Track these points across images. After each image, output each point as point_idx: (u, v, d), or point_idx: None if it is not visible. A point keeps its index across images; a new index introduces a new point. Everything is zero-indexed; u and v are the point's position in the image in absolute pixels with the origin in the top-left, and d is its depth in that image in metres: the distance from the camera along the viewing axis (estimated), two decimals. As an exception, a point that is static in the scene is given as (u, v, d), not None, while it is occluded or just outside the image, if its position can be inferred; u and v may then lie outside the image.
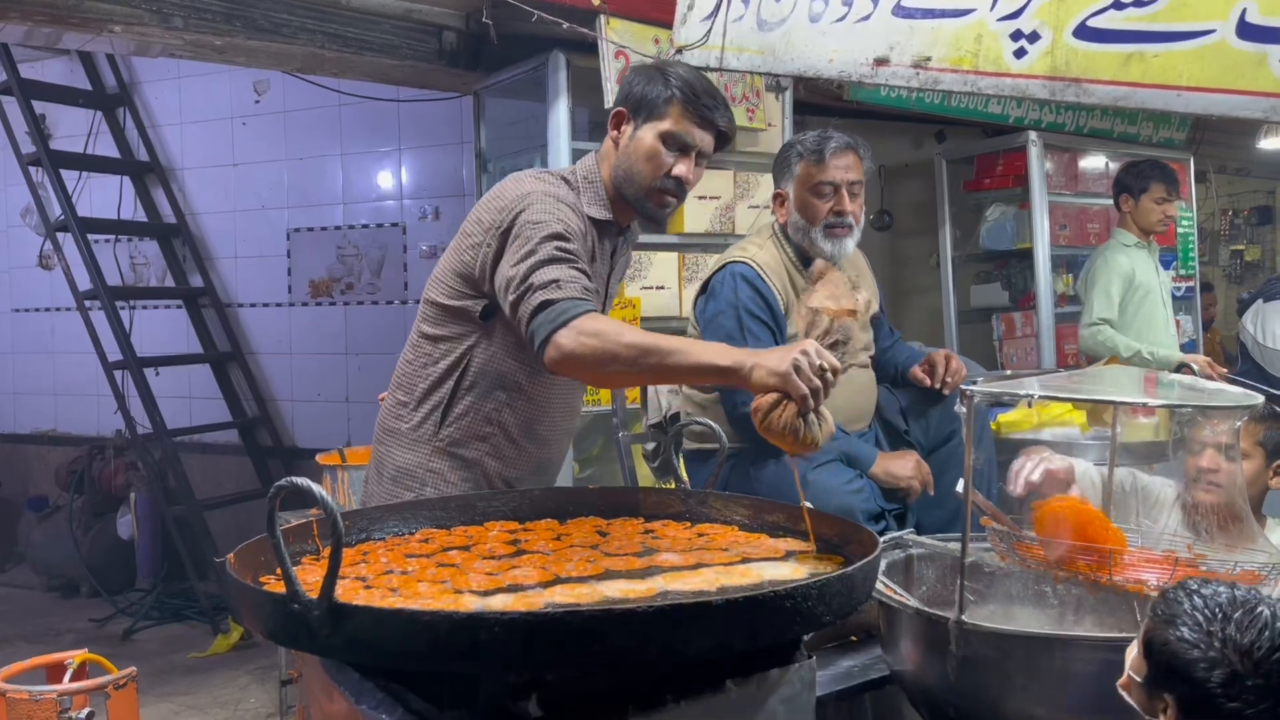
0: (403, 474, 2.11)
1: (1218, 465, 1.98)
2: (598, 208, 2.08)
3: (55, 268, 6.04)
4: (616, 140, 2.08)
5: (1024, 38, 1.97)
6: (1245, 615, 1.33)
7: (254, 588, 1.33)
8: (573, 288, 1.82)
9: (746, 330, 2.55)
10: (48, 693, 2.30)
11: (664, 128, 2.02)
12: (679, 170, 2.03)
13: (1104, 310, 4.25)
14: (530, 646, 1.14)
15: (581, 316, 1.77)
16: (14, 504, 6.60)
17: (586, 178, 2.11)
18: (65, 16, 3.18)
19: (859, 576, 1.37)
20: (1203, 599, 1.36)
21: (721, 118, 2.05)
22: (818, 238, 2.61)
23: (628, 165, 2.05)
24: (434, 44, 3.96)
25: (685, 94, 2.01)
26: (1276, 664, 1.31)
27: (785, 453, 1.69)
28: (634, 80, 2.08)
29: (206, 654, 4.90)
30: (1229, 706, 1.29)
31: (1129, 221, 4.40)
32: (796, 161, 2.62)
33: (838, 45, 2.20)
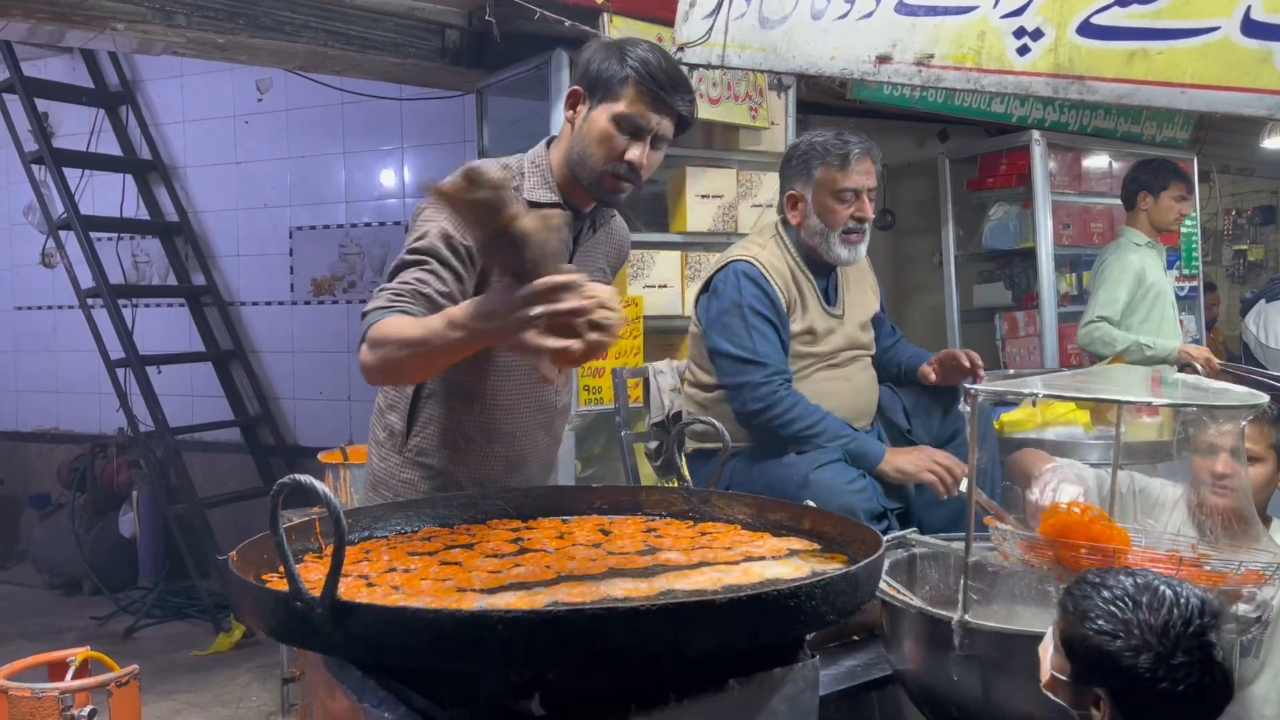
0: (379, 481, 2.10)
1: (1233, 470, 1.98)
2: (542, 191, 2.00)
3: (58, 266, 6.04)
4: (572, 120, 1.99)
5: (1027, 35, 1.95)
6: (1152, 598, 1.38)
7: (257, 585, 1.32)
8: (384, 296, 1.77)
9: (751, 327, 2.55)
10: (50, 690, 2.30)
11: (618, 110, 1.92)
12: (632, 155, 1.93)
13: (1106, 309, 4.23)
14: (533, 645, 1.14)
15: (373, 327, 1.71)
16: (16, 502, 6.61)
17: (533, 162, 2.04)
18: (68, 14, 3.18)
19: (863, 575, 1.37)
20: (1110, 590, 1.40)
21: (680, 101, 1.95)
22: (835, 243, 2.62)
23: (581, 147, 1.96)
24: (437, 42, 3.96)
25: (641, 74, 1.91)
26: (1193, 639, 1.35)
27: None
28: (592, 58, 1.97)
29: (208, 652, 4.90)
30: (1160, 688, 1.34)
31: (1143, 220, 4.38)
32: (818, 165, 2.60)
33: (840, 43, 2.18)
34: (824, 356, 2.66)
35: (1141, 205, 4.37)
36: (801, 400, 2.53)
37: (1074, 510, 1.80)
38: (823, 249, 2.64)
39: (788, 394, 2.53)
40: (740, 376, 2.54)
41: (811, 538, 1.74)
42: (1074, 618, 1.40)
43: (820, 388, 2.62)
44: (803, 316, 2.64)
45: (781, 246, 2.68)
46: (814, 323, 2.66)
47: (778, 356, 2.55)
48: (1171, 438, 2.69)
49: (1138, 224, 4.41)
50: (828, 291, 2.72)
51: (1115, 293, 4.24)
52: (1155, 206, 4.33)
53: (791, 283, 2.64)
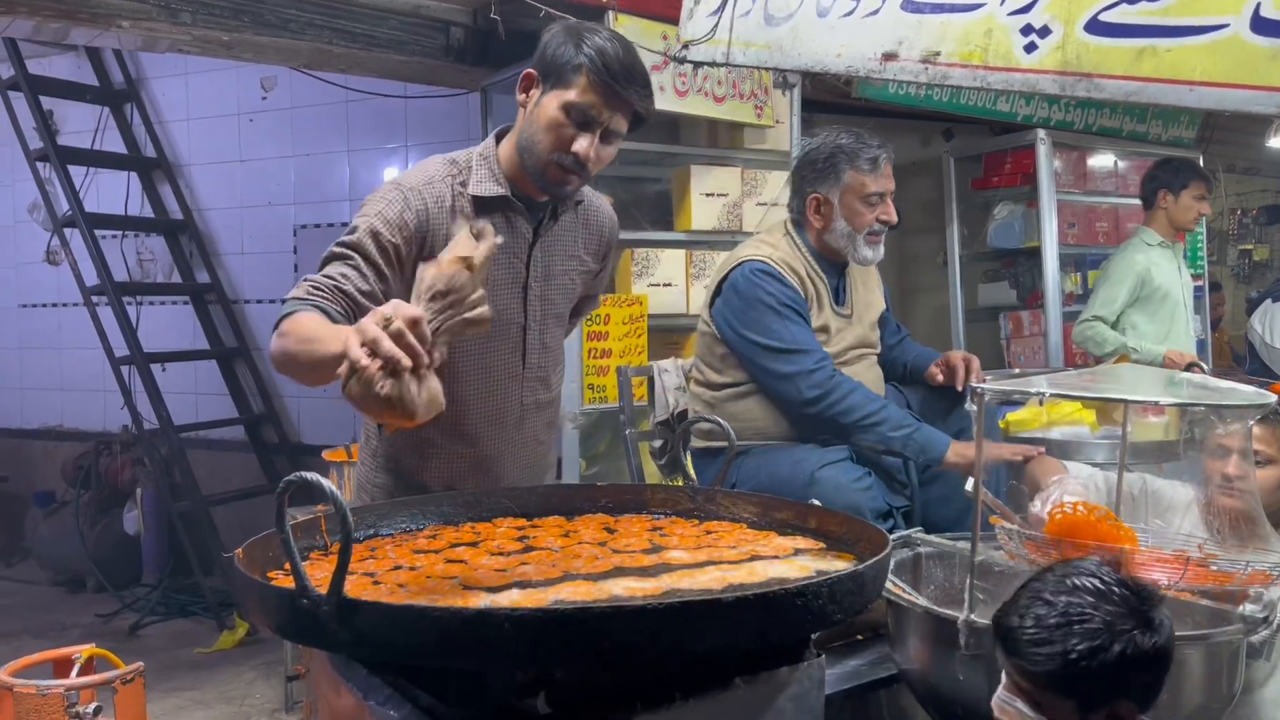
0: (359, 485, 2.10)
1: (1244, 472, 1.97)
2: (490, 184, 1.94)
3: (62, 263, 6.05)
4: (524, 105, 1.91)
5: (1034, 32, 1.94)
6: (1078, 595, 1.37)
7: (263, 583, 1.32)
8: (302, 287, 1.73)
9: (785, 319, 2.55)
10: (55, 687, 2.30)
11: (568, 98, 1.83)
12: (578, 146, 1.85)
13: (1102, 308, 4.25)
14: (540, 643, 1.14)
15: (286, 319, 1.67)
16: (21, 499, 6.62)
17: (481, 155, 1.97)
18: (74, 11, 3.19)
19: (869, 575, 1.37)
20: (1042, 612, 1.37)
21: (635, 95, 1.85)
22: (860, 244, 2.63)
23: (529, 133, 1.89)
24: (441, 40, 3.96)
25: (595, 64, 1.81)
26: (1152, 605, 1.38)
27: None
28: (550, 41, 1.89)
29: (212, 649, 4.90)
30: (1163, 661, 1.37)
31: (1161, 219, 4.37)
32: (846, 169, 2.61)
33: (846, 40, 2.17)
34: (834, 355, 2.66)
35: (1161, 204, 4.36)
36: (859, 387, 2.52)
37: (1080, 510, 1.79)
38: (848, 250, 2.65)
39: (842, 379, 2.52)
40: (788, 366, 2.52)
41: (817, 537, 1.73)
42: (1040, 661, 1.35)
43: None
44: (818, 314, 2.65)
45: (793, 246, 2.68)
46: (828, 321, 2.66)
47: (816, 344, 2.55)
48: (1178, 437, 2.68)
49: (1154, 223, 4.40)
50: (838, 291, 2.72)
51: (1114, 292, 4.26)
52: (1175, 205, 4.32)
53: (807, 281, 2.65)
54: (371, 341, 1.32)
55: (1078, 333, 4.32)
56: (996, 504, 1.99)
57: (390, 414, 1.37)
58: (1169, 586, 1.76)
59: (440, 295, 1.40)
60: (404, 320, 1.33)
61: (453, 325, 1.42)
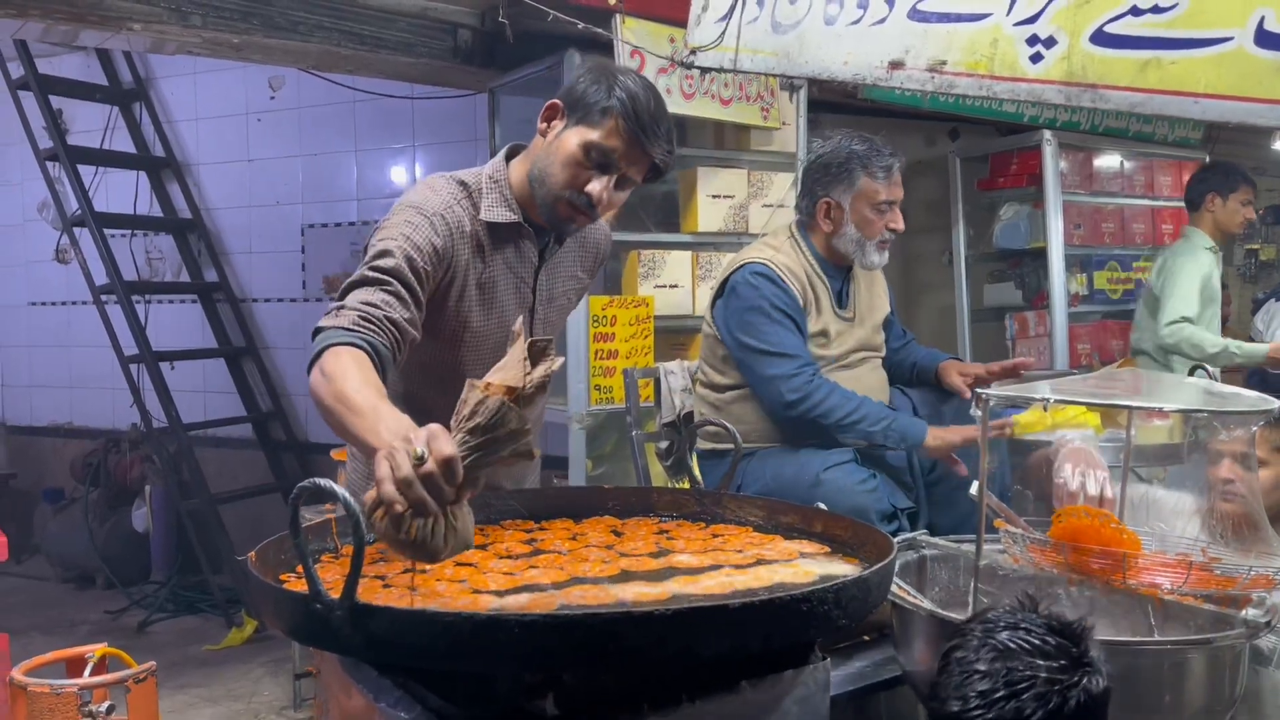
0: (352, 492, 2.08)
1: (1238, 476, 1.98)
2: (501, 210, 1.92)
3: (72, 262, 6.08)
4: (544, 133, 1.89)
5: (1040, 42, 1.95)
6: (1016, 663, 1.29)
7: (277, 587, 1.34)
8: (348, 316, 1.66)
9: (776, 323, 2.58)
10: (68, 687, 2.33)
11: (591, 138, 1.82)
12: (593, 187, 1.83)
13: (1185, 308, 4.17)
14: (549, 648, 1.16)
15: (330, 350, 1.59)
16: (30, 495, 6.65)
17: (492, 177, 1.94)
18: (85, 14, 3.20)
19: (874, 581, 1.38)
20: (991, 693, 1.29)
21: (657, 148, 1.84)
22: (870, 250, 2.66)
23: (545, 164, 1.87)
24: (449, 42, 3.97)
25: (625, 110, 1.80)
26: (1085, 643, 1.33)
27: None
28: (581, 77, 1.89)
29: (220, 647, 4.93)
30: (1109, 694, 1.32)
31: (1208, 222, 4.37)
32: (860, 175, 2.62)
33: (852, 48, 2.18)
34: (836, 358, 2.68)
35: (1209, 207, 4.36)
36: (837, 388, 2.55)
37: (1084, 515, 1.80)
38: (856, 256, 2.68)
39: (821, 382, 2.55)
40: (770, 369, 2.55)
41: (823, 540, 1.75)
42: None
43: (832, 389, 2.64)
44: (817, 318, 2.66)
45: (796, 249, 2.70)
46: (827, 325, 2.68)
47: (804, 350, 2.58)
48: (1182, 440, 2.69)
49: (1203, 225, 4.39)
50: (841, 294, 2.74)
51: (1188, 291, 4.20)
52: (1223, 208, 4.32)
53: (807, 285, 2.66)
54: (403, 483, 1.25)
55: (1170, 334, 4.19)
56: (1001, 507, 2.00)
57: (414, 555, 1.32)
58: (1172, 590, 1.78)
59: (481, 430, 1.32)
60: (437, 462, 1.25)
61: (491, 463, 1.34)
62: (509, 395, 1.33)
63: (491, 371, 1.38)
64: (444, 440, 1.27)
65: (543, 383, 1.37)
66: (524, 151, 1.97)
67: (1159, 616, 1.82)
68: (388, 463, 1.26)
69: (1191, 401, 1.91)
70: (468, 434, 1.31)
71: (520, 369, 1.35)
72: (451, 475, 1.26)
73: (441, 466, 1.25)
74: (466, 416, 1.33)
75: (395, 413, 1.46)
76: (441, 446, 1.25)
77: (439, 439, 1.26)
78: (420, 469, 1.24)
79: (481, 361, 1.97)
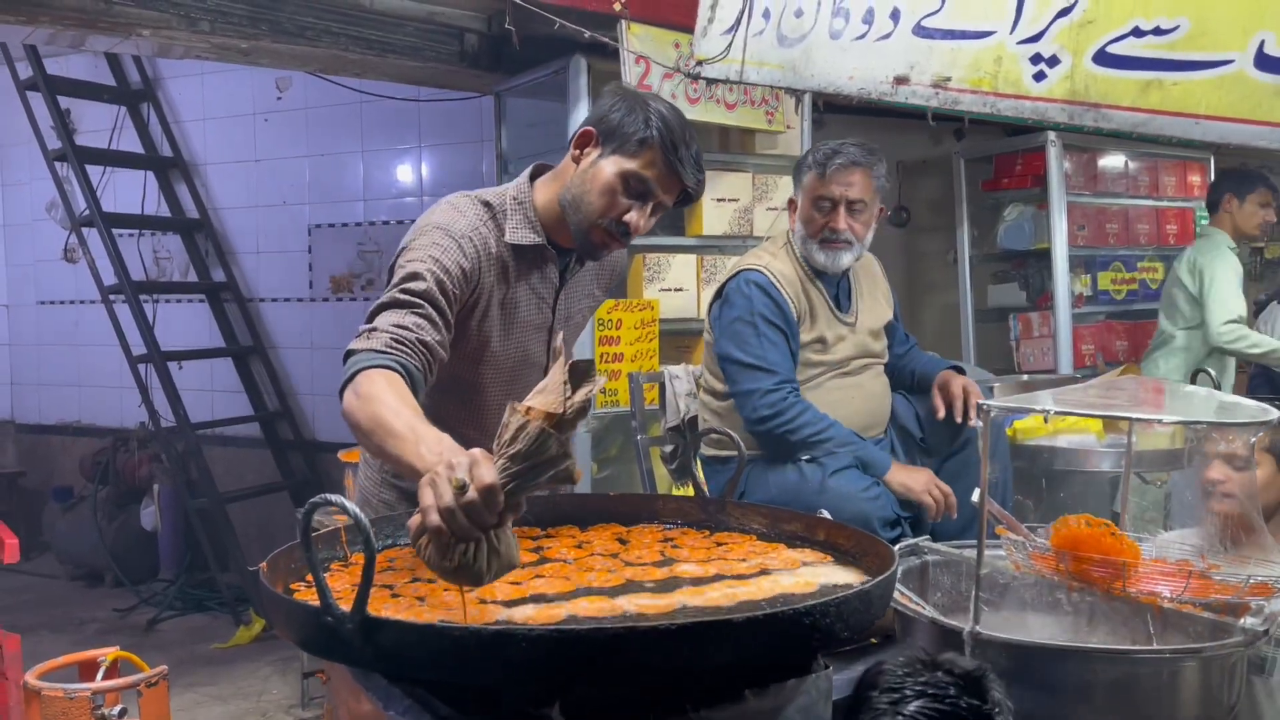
0: (363, 501, 2.09)
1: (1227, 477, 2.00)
2: (526, 232, 1.92)
3: (80, 261, 6.12)
4: (577, 160, 1.90)
5: (1043, 61, 1.96)
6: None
7: (288, 599, 1.36)
8: (381, 338, 1.66)
9: (762, 335, 2.58)
10: (81, 691, 2.35)
11: (629, 167, 1.84)
12: (630, 216, 1.86)
13: (1237, 308, 4.18)
14: (555, 662, 1.18)
15: (364, 372, 1.60)
16: (39, 494, 6.70)
17: (516, 198, 1.94)
18: (94, 20, 3.23)
19: (876, 593, 1.40)
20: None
21: (690, 176, 1.88)
22: (813, 249, 2.65)
23: (580, 191, 1.88)
24: (455, 46, 3.99)
25: (664, 141, 1.83)
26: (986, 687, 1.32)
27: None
28: (613, 105, 1.89)
29: (229, 645, 4.97)
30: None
31: (1227, 223, 4.39)
32: (806, 172, 2.64)
33: (858, 63, 2.20)
34: (835, 365, 2.69)
35: (1226, 208, 4.38)
36: (810, 408, 2.56)
37: (1084, 524, 1.82)
38: (808, 254, 2.67)
39: (796, 400, 2.56)
40: (749, 383, 2.57)
41: (826, 549, 1.77)
42: None
43: (833, 395, 2.65)
44: (813, 325, 2.67)
45: (791, 255, 2.71)
46: (824, 331, 2.68)
47: (786, 365, 2.58)
48: (1184, 446, 2.71)
49: (1223, 226, 4.42)
50: (839, 299, 2.74)
51: (1233, 290, 4.22)
52: (1240, 210, 4.34)
53: (801, 292, 2.67)
54: (445, 511, 1.26)
55: (1225, 334, 4.18)
56: (1003, 514, 2.02)
57: (459, 580, 1.34)
58: (1172, 598, 1.79)
59: (522, 457, 1.31)
60: (479, 490, 1.26)
61: (532, 488, 1.34)
62: (549, 421, 1.32)
63: (532, 393, 1.37)
64: (485, 468, 1.28)
65: (583, 406, 1.36)
66: (549, 173, 1.98)
67: (1158, 624, 1.84)
68: (430, 490, 1.28)
69: (1192, 412, 1.92)
70: (509, 460, 1.32)
71: (560, 392, 1.34)
72: (493, 503, 1.28)
73: (483, 494, 1.26)
74: (508, 442, 1.32)
75: (435, 433, 1.48)
76: (483, 474, 1.27)
77: (480, 466, 1.28)
78: (462, 498, 1.26)
79: (500, 380, 2.00)
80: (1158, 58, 1.88)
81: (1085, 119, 1.92)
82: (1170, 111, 1.84)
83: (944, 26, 2.11)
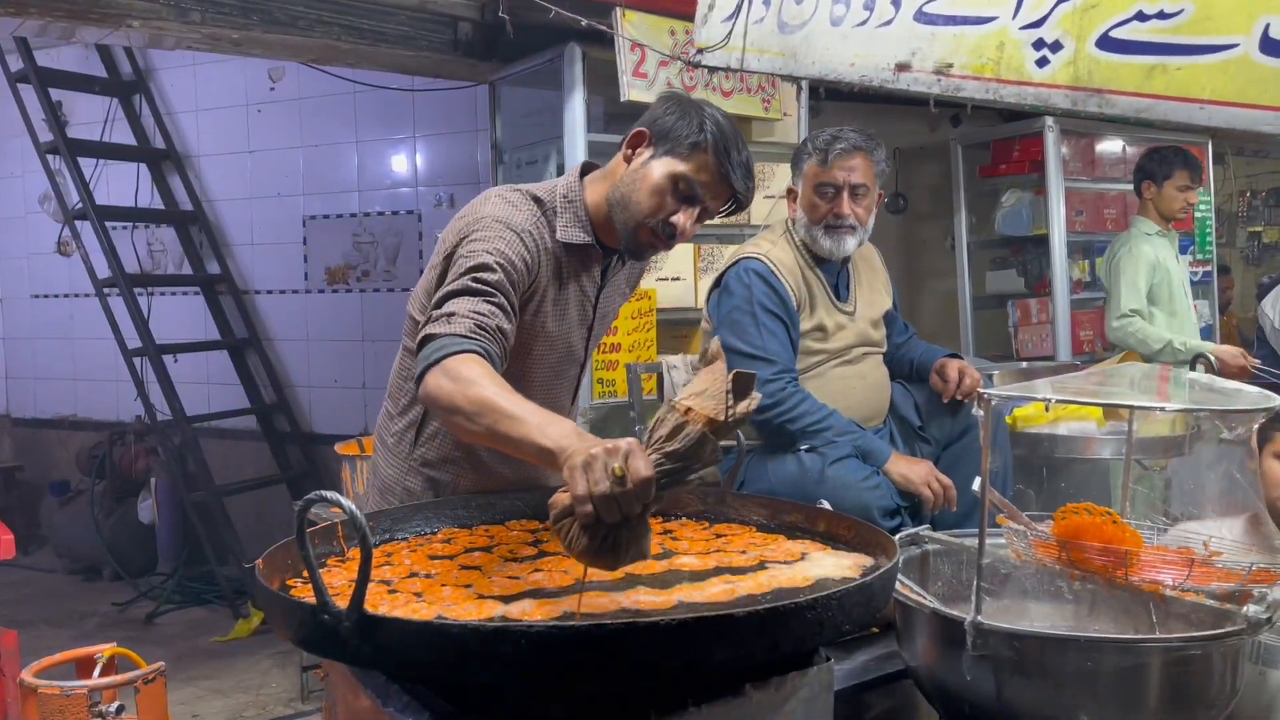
0: (385, 488, 2.09)
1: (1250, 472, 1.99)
2: (576, 230, 1.94)
3: (74, 254, 6.10)
4: (628, 159, 1.92)
5: (1046, 47, 1.94)
6: None
7: (285, 597, 1.35)
8: (463, 323, 1.66)
9: (761, 325, 2.57)
10: (78, 688, 2.35)
11: (680, 169, 1.86)
12: (678, 219, 1.88)
13: (1132, 301, 4.21)
14: (555, 658, 1.17)
15: (453, 356, 1.60)
16: (36, 488, 6.69)
17: (566, 197, 1.96)
18: (85, 11, 3.21)
19: (878, 586, 1.39)
20: None
21: (740, 182, 1.89)
22: (818, 235, 2.63)
23: (629, 190, 1.90)
24: (449, 35, 3.97)
25: (718, 147, 1.85)
26: None
27: None
28: (667, 108, 1.91)
29: (228, 638, 4.97)
30: None
31: (1150, 209, 4.38)
32: (806, 159, 2.63)
33: (859, 50, 2.17)
34: (836, 353, 2.68)
35: (1146, 194, 4.38)
36: (809, 397, 2.55)
37: (1086, 511, 1.82)
38: (810, 241, 2.66)
39: (795, 390, 2.55)
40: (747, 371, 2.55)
41: (826, 540, 1.76)
42: None
43: (834, 385, 2.64)
44: (812, 314, 2.65)
45: (790, 243, 2.70)
46: (824, 319, 2.67)
47: (786, 355, 2.57)
48: (1185, 432, 2.70)
49: (1147, 213, 4.41)
50: (838, 288, 2.72)
51: (1136, 283, 4.24)
52: (1159, 195, 4.33)
53: (801, 281, 2.65)
54: (600, 498, 1.29)
55: (1117, 330, 4.26)
56: (1004, 503, 2.01)
57: (594, 563, 1.38)
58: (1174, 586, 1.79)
59: (678, 456, 1.35)
60: (635, 482, 1.29)
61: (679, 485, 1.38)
62: (710, 426, 1.35)
63: (687, 394, 1.40)
64: (642, 460, 1.31)
65: (743, 417, 1.39)
66: (598, 172, 2.00)
67: (1160, 613, 1.83)
68: (584, 475, 1.31)
69: (1193, 399, 1.91)
70: (664, 456, 1.35)
71: (723, 400, 1.36)
72: (646, 495, 1.31)
73: (639, 486, 1.30)
74: (664, 438, 1.36)
75: (555, 416, 1.49)
76: (640, 467, 1.30)
77: (637, 458, 1.31)
78: (620, 489, 1.29)
79: (544, 373, 2.03)
80: (1161, 42, 1.86)
81: (1089, 105, 1.90)
82: (1174, 97, 1.82)
83: (946, 13, 2.09)
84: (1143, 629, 1.82)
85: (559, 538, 1.37)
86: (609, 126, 3.97)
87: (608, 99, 3.85)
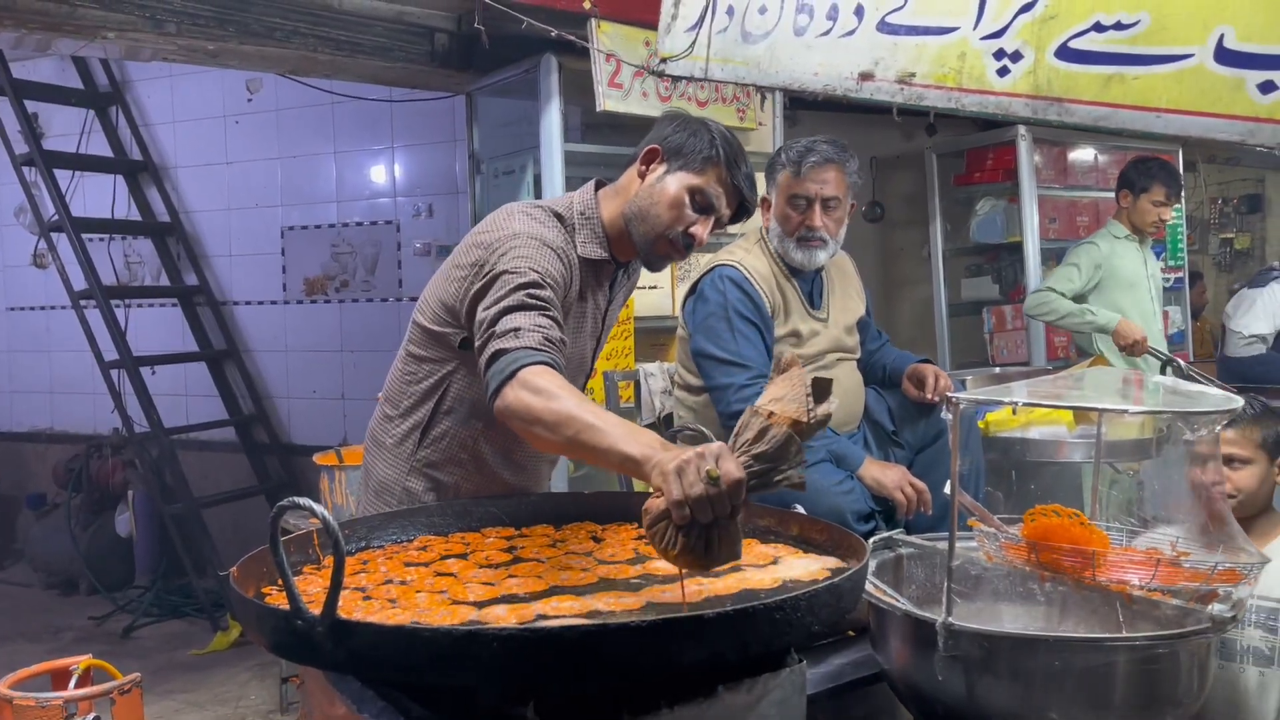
0: (383, 488, 2.12)
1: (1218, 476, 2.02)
2: (594, 246, 2.02)
3: (50, 267, 6.06)
4: (643, 175, 2.02)
5: (1007, 57, 1.98)
6: None
7: (259, 603, 1.36)
8: (532, 336, 1.72)
9: (736, 331, 2.59)
10: (54, 700, 2.34)
11: (695, 183, 1.97)
12: (696, 229, 1.98)
13: (1057, 284, 4.33)
14: (527, 661, 1.18)
15: (529, 368, 1.66)
16: (12, 501, 6.64)
17: (584, 213, 2.04)
18: (60, 23, 3.20)
19: (846, 586, 1.41)
20: None
21: (747, 191, 2.01)
22: (790, 247, 2.67)
23: (646, 204, 1.99)
24: (426, 46, 3.98)
25: (728, 160, 1.97)
26: None
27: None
28: (675, 126, 2.02)
29: (206, 651, 4.94)
30: None
31: (1124, 216, 4.44)
32: (780, 170, 2.65)
33: (823, 59, 2.21)
34: (810, 359, 2.70)
35: (1122, 203, 4.43)
36: None
37: (1055, 513, 1.84)
38: (783, 252, 2.69)
39: None
40: (723, 378, 2.58)
41: (799, 544, 1.78)
42: None
43: (808, 390, 2.66)
44: (786, 320, 2.68)
45: (765, 251, 2.72)
46: (798, 325, 2.69)
47: (761, 360, 2.59)
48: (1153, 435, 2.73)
49: (1119, 217, 4.47)
50: (811, 295, 2.75)
51: (1069, 271, 4.34)
52: (1134, 207, 4.39)
53: (776, 288, 2.68)
54: (695, 500, 1.34)
55: (1030, 302, 4.41)
56: (975, 506, 2.03)
57: (688, 564, 1.42)
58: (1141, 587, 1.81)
59: (765, 458, 1.39)
60: (728, 484, 1.34)
61: (766, 487, 1.41)
62: (794, 428, 1.40)
63: (767, 399, 1.44)
64: (733, 463, 1.36)
65: (825, 419, 1.43)
66: (610, 188, 2.07)
67: (1129, 613, 1.86)
68: (680, 480, 1.36)
69: (1159, 402, 1.94)
70: (753, 459, 1.39)
71: (804, 403, 1.41)
72: (738, 496, 1.36)
73: (732, 488, 1.35)
74: (751, 441, 1.40)
75: (635, 426, 1.57)
76: (731, 470, 1.35)
77: (728, 460, 1.36)
78: (713, 490, 1.34)
79: None
80: (1119, 52, 1.91)
81: (1049, 113, 1.94)
82: (1132, 105, 1.86)
83: (908, 23, 2.13)
84: (1111, 629, 1.85)
85: (654, 542, 1.42)
86: (585, 136, 3.99)
87: (584, 109, 3.87)
